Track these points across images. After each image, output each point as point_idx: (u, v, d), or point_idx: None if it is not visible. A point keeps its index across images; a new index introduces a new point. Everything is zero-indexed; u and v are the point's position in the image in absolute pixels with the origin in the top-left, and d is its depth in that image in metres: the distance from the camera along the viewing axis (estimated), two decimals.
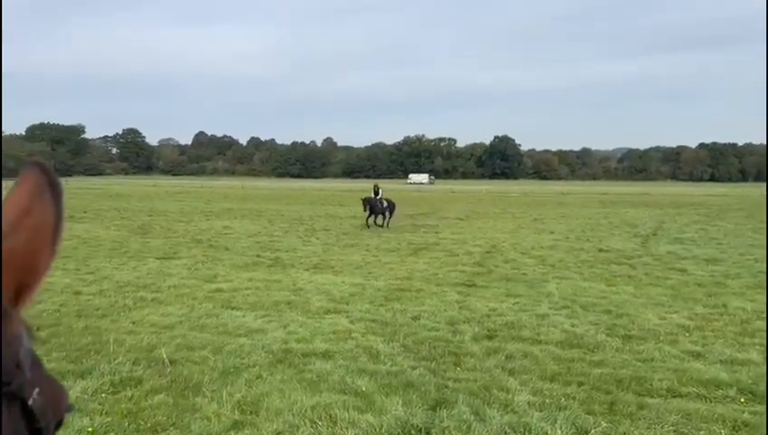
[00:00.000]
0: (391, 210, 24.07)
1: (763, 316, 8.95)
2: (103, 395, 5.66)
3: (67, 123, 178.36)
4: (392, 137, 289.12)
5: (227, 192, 61.08)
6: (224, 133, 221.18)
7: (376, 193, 24.81)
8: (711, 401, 5.80)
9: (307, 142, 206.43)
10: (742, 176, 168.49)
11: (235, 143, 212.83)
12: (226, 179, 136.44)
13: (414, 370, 6.55)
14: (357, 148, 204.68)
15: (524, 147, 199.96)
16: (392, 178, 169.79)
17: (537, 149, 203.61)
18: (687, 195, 66.29)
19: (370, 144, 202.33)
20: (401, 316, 8.98)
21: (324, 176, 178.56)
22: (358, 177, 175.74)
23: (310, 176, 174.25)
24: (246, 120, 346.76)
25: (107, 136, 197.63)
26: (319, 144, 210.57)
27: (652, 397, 5.91)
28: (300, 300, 10.00)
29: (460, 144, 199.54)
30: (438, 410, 5.46)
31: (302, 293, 10.61)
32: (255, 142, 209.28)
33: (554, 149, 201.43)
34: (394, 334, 7.93)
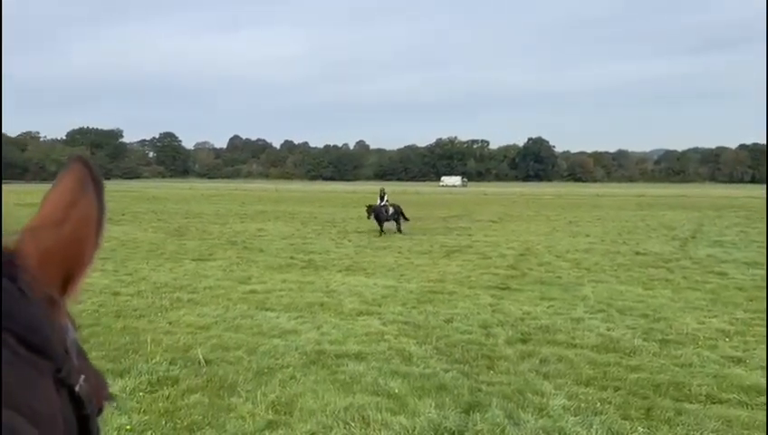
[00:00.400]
0: (397, 216, 22.12)
1: None
2: (141, 394, 5.78)
3: (106, 128, 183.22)
4: (424, 139, 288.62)
5: (261, 195, 61.76)
6: (258, 137, 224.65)
7: (381, 198, 22.72)
8: (752, 408, 5.65)
9: (339, 145, 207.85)
10: None
11: (269, 146, 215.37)
12: (260, 182, 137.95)
13: (447, 372, 6.53)
14: (389, 150, 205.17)
15: (559, 148, 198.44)
16: (424, 180, 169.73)
17: (572, 150, 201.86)
18: (727, 197, 64.73)
19: (403, 146, 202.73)
20: (434, 319, 8.96)
21: (357, 178, 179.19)
22: (390, 179, 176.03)
23: (342, 178, 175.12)
24: (280, 123, 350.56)
25: (144, 140, 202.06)
26: (351, 147, 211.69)
27: (691, 403, 5.78)
28: (332, 302, 10.05)
29: (493, 146, 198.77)
30: (472, 413, 5.43)
31: (335, 294, 10.66)
32: (289, 145, 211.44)
33: (589, 150, 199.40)
34: (426, 337, 7.91)
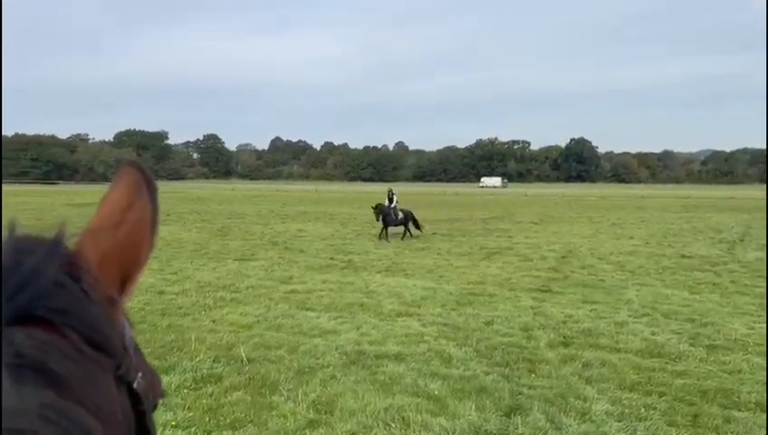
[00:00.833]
0: (406, 222, 20.43)
1: None
2: (185, 391, 5.90)
3: (152, 130, 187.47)
4: (464, 140, 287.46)
5: (302, 196, 62.33)
6: (299, 138, 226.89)
7: (390, 200, 20.79)
8: None
9: (379, 146, 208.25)
10: None
11: (310, 148, 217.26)
12: (301, 183, 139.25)
13: (487, 375, 6.49)
14: (428, 151, 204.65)
15: (602, 149, 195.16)
16: (464, 181, 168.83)
17: (615, 151, 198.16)
18: None
19: (442, 147, 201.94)
20: (474, 321, 8.91)
21: (396, 180, 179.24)
22: (429, 180, 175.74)
23: (381, 180, 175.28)
24: (320, 124, 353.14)
25: (188, 142, 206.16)
26: (391, 148, 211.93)
27: (740, 410, 5.62)
28: (372, 302, 10.09)
29: (534, 147, 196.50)
30: (513, 416, 5.39)
31: (375, 295, 10.69)
32: (329, 147, 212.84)
33: (634, 151, 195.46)
34: (466, 339, 7.88)
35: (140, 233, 0.67)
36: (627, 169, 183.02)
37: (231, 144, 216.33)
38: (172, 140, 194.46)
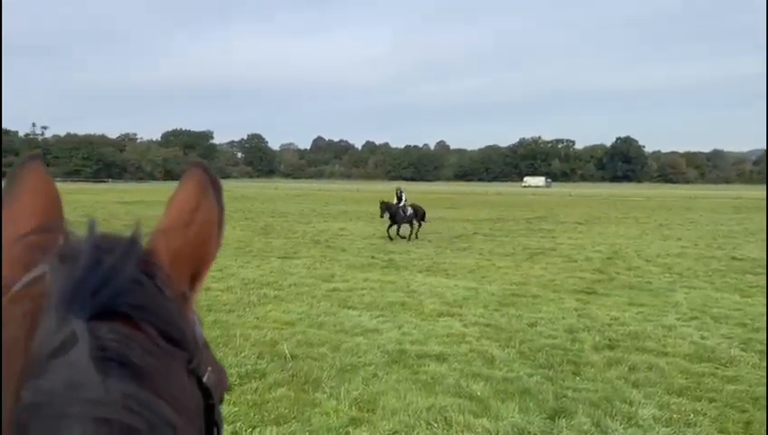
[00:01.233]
0: (419, 218, 20.36)
1: None
2: (231, 386, 6.00)
3: (197, 129, 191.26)
4: (507, 139, 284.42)
5: (343, 195, 62.68)
6: (340, 138, 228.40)
7: (399, 198, 20.79)
8: None
9: (420, 146, 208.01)
10: None
11: (351, 147, 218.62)
12: (342, 182, 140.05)
13: (531, 377, 6.42)
14: (470, 150, 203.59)
15: (649, 148, 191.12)
16: (506, 180, 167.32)
17: (663, 150, 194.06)
18: None
19: (484, 146, 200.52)
20: (517, 322, 8.83)
21: (437, 179, 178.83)
22: (471, 180, 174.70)
23: (422, 179, 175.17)
24: (362, 124, 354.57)
25: (233, 141, 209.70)
26: (432, 147, 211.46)
27: None
28: (413, 302, 10.09)
29: (579, 146, 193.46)
30: (557, 419, 5.32)
31: (416, 295, 10.69)
32: (370, 146, 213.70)
33: (682, 150, 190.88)
34: (509, 340, 7.81)
35: (208, 232, 0.70)
36: (674, 169, 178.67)
37: (274, 144, 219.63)
38: (217, 140, 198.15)
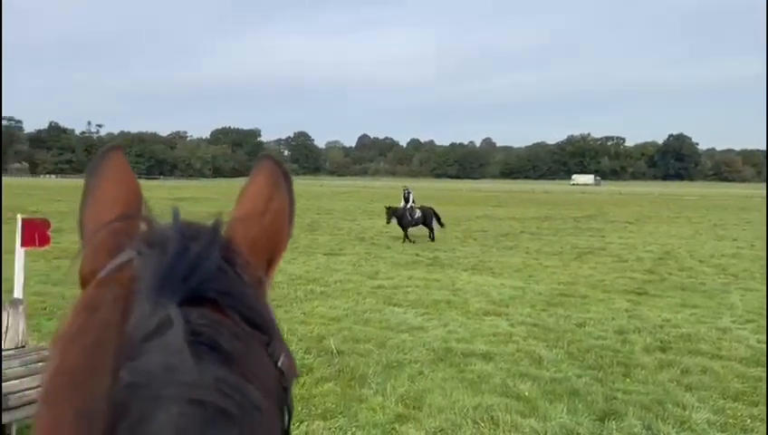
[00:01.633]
0: (426, 221, 18.61)
1: None
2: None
3: (245, 127, 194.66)
4: (554, 136, 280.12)
5: (388, 193, 62.72)
6: (385, 135, 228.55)
7: (406, 200, 18.98)
8: None
9: (465, 143, 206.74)
10: None
11: (396, 145, 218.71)
12: (387, 180, 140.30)
13: (579, 378, 6.32)
14: (517, 148, 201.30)
15: (702, 146, 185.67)
16: (554, 178, 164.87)
17: (717, 148, 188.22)
18: None
19: (531, 144, 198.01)
20: (565, 322, 8.69)
21: (483, 177, 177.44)
22: (517, 177, 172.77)
23: (468, 177, 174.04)
24: (407, 121, 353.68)
25: (280, 139, 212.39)
26: (477, 145, 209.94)
27: None
28: (459, 300, 10.04)
29: (629, 143, 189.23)
30: (607, 421, 5.22)
31: (461, 293, 10.64)
32: (415, 144, 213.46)
33: (738, 148, 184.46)
34: (557, 340, 7.70)
35: (281, 222, 0.73)
36: (730, 167, 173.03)
37: (320, 141, 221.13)
38: (264, 138, 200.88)
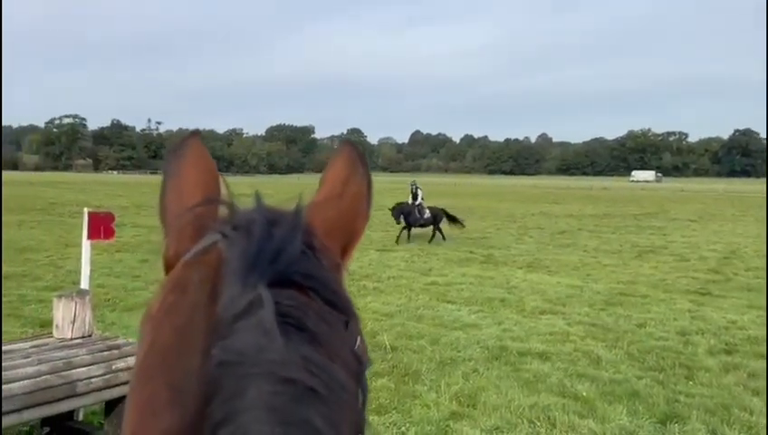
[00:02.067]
0: (435, 222, 17.56)
1: None
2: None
3: (300, 124, 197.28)
4: (614, 131, 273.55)
5: (441, 189, 62.46)
6: (438, 131, 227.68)
7: (414, 196, 17.80)
8: None
9: (521, 139, 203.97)
10: None
11: (449, 141, 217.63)
12: (439, 176, 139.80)
13: (640, 379, 6.15)
14: (574, 143, 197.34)
15: None
16: (613, 175, 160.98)
17: None
18: None
19: (589, 139, 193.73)
20: (624, 322, 8.47)
21: (538, 173, 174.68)
22: (574, 173, 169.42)
23: (523, 173, 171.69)
24: (460, 117, 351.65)
25: (333, 135, 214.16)
26: (533, 140, 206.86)
27: None
28: (513, 298, 9.91)
29: (692, 139, 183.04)
30: (669, 424, 5.06)
31: (516, 291, 10.49)
32: (468, 140, 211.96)
33: None
34: (616, 341, 7.50)
35: (358, 205, 0.72)
36: None
37: (373, 138, 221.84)
38: (318, 135, 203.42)
